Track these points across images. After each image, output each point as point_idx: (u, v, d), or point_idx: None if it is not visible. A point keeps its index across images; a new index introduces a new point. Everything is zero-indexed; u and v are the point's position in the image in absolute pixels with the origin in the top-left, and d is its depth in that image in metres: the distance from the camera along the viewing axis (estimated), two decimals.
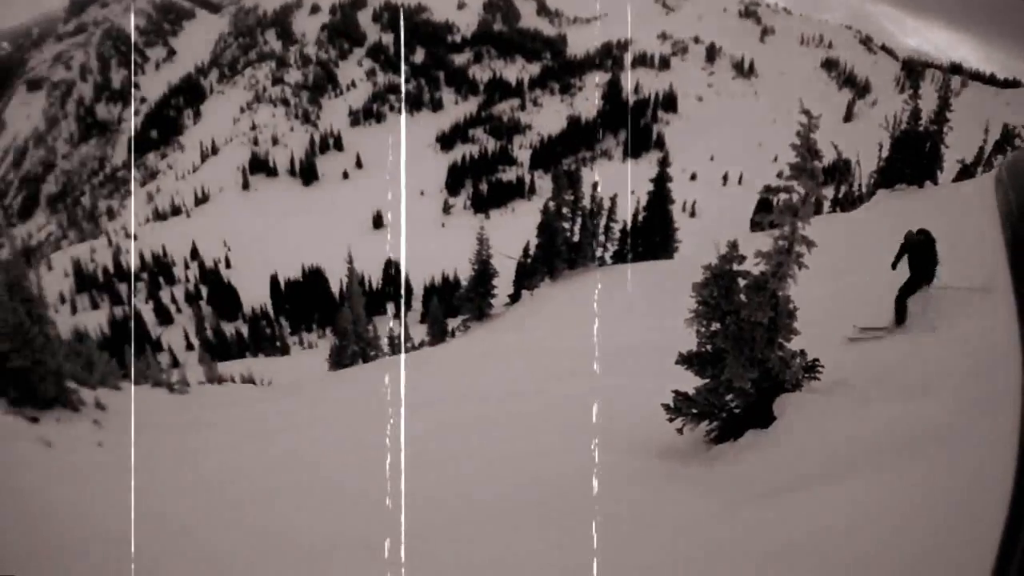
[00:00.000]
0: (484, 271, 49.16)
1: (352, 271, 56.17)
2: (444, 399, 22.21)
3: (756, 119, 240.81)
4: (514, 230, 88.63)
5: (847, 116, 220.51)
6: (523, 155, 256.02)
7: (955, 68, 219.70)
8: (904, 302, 15.78)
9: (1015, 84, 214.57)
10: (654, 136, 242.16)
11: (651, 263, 47.43)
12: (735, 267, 10.62)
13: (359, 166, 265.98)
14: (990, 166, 42.06)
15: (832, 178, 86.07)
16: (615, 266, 49.90)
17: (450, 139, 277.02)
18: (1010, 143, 43.47)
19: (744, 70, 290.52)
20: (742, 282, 10.68)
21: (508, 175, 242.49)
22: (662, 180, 52.00)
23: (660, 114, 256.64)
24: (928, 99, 38.54)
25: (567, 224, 49.76)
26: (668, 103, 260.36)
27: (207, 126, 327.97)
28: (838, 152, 75.54)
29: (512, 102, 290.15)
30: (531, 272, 50.54)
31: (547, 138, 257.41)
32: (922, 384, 9.96)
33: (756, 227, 49.64)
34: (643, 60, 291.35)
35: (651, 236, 52.02)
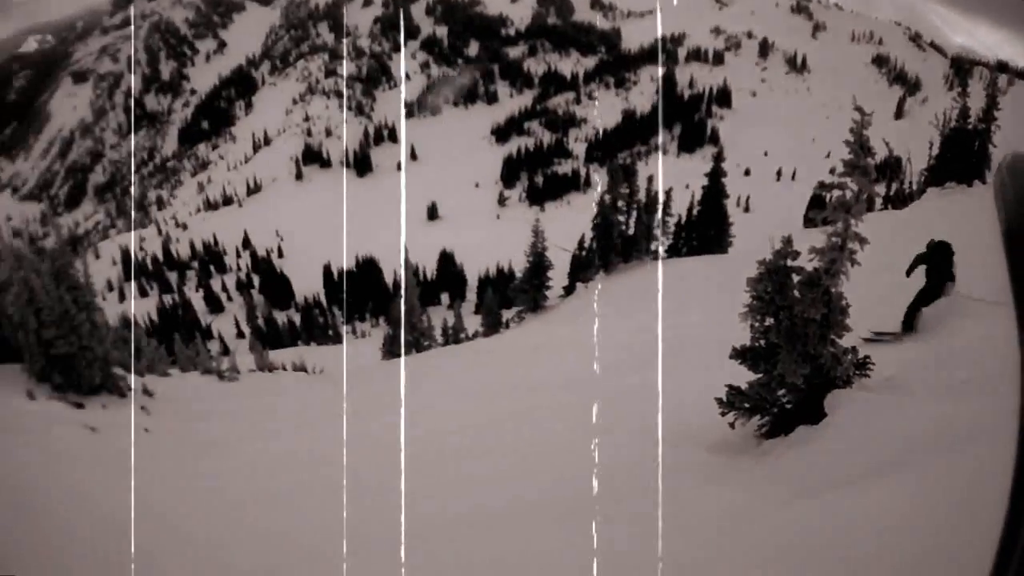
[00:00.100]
0: (539, 263, 49.36)
1: (407, 261, 56.36)
2: (497, 390, 22.27)
3: (809, 115, 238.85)
4: (569, 223, 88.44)
5: (898, 113, 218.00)
6: (578, 148, 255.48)
7: (1001, 66, 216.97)
8: (915, 312, 15.67)
9: None
10: (708, 131, 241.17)
11: (705, 257, 47.32)
12: (789, 263, 10.60)
13: (414, 158, 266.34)
14: None
15: (884, 175, 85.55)
16: (669, 260, 49.85)
17: (505, 132, 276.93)
18: None
19: (796, 66, 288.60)
20: (796, 278, 10.66)
21: (563, 168, 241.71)
22: (717, 175, 51.92)
23: (714, 109, 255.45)
24: (976, 97, 38.30)
25: (622, 217, 49.79)
26: (722, 98, 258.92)
27: (259, 117, 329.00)
28: (889, 149, 75.04)
29: (567, 95, 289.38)
30: (586, 265, 50.61)
31: (602, 132, 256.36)
32: (969, 384, 9.97)
33: (809, 223, 49.37)
34: (697, 55, 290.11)
35: (706, 230, 51.97)
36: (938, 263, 15.44)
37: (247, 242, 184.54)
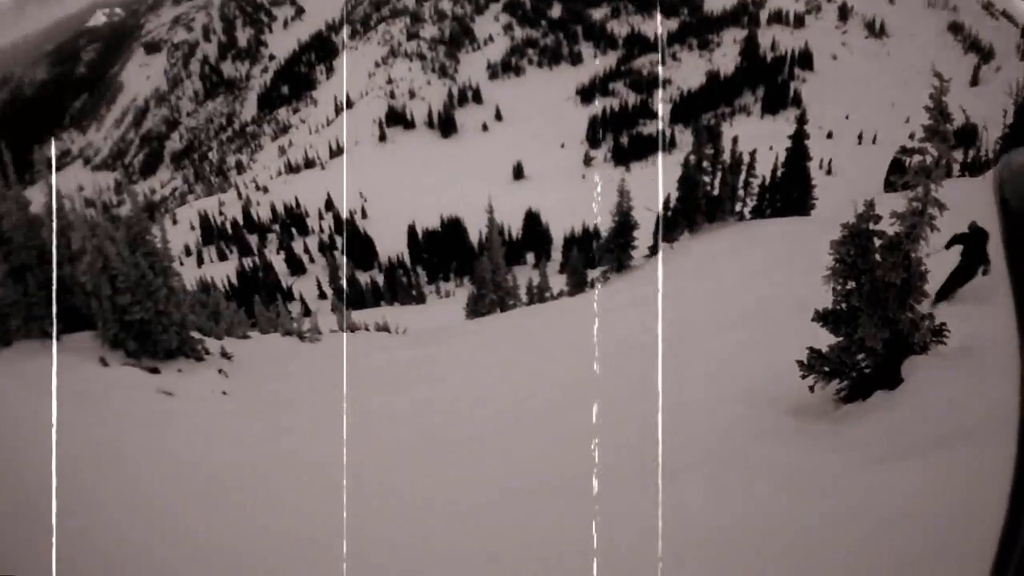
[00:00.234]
0: (625, 223, 49.21)
1: (492, 220, 56.39)
2: (580, 349, 22.42)
3: (888, 79, 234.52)
4: (654, 183, 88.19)
5: (973, 80, 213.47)
6: (663, 109, 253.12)
7: None
8: (949, 291, 15.54)
9: None
10: (791, 93, 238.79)
11: (789, 219, 47.05)
12: (871, 226, 10.68)
13: (498, 118, 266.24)
14: None
15: (961, 142, 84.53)
16: (753, 221, 49.68)
17: (590, 92, 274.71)
18: None
19: (875, 30, 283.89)
20: (877, 242, 10.70)
21: (648, 128, 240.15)
22: (800, 137, 51.63)
23: (796, 71, 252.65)
24: None
25: (707, 178, 49.67)
26: (804, 60, 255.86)
27: (340, 81, 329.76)
28: (966, 116, 74.16)
29: (651, 56, 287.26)
30: (671, 225, 50.51)
31: (686, 92, 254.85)
32: None
33: (890, 187, 49.14)
34: (778, 17, 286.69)
35: (789, 192, 51.68)
36: (974, 247, 15.51)
37: (330, 204, 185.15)
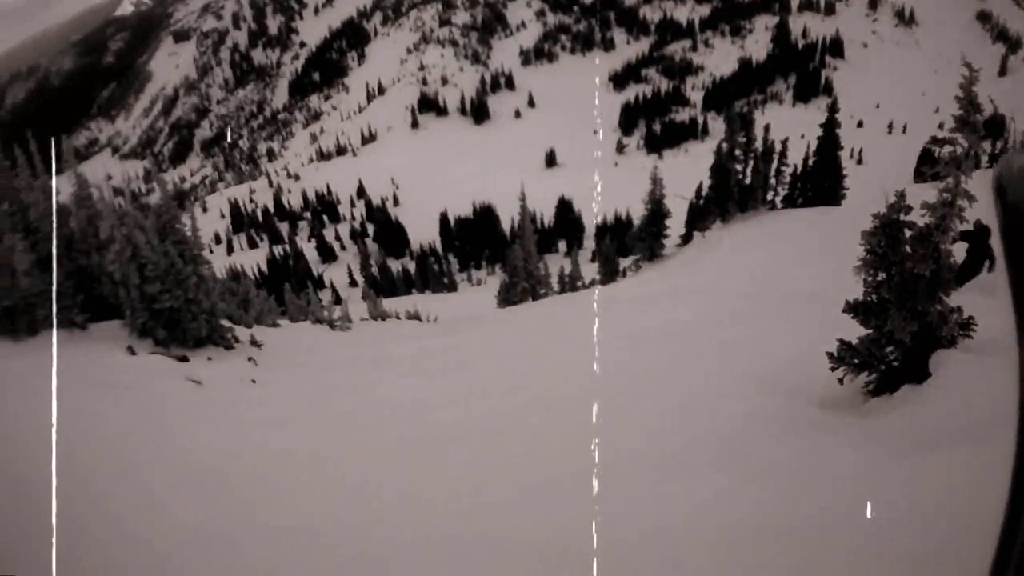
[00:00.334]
0: (657, 211, 48.99)
1: (525, 208, 56.23)
2: (609, 339, 22.36)
3: (918, 68, 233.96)
4: (687, 171, 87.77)
5: (1001, 70, 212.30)
6: (695, 96, 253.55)
7: None
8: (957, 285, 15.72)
9: None
10: (822, 81, 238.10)
11: (820, 209, 46.75)
12: (902, 217, 10.55)
13: (531, 105, 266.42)
14: None
15: (989, 133, 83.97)
16: (785, 210, 49.49)
17: (623, 79, 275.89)
18: None
19: (905, 18, 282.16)
20: (908, 233, 10.56)
21: (681, 115, 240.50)
22: (831, 125, 51.38)
23: (827, 59, 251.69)
24: None
25: (739, 166, 49.45)
26: (835, 48, 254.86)
27: (373, 67, 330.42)
28: (995, 107, 73.60)
29: (683, 43, 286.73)
30: (703, 213, 50.28)
31: (719, 79, 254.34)
32: None
33: (920, 177, 48.96)
34: (809, 5, 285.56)
35: (820, 181, 51.45)
36: (978, 244, 15.56)
37: (361, 191, 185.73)
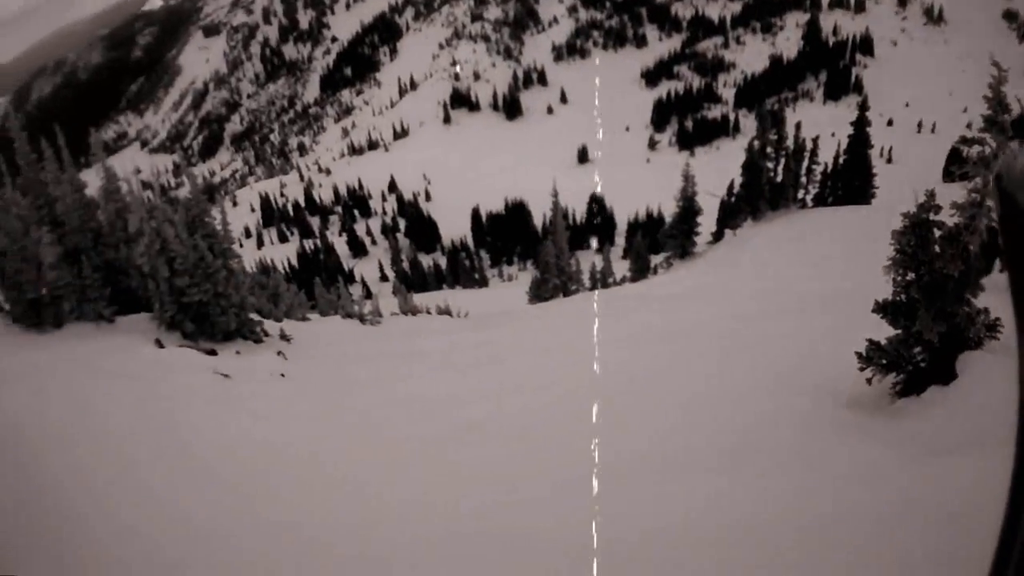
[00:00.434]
0: (689, 208, 48.92)
1: (557, 204, 56.13)
2: (640, 333, 22.36)
3: (946, 67, 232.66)
4: (718, 168, 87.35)
5: None
6: (727, 93, 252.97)
7: None
8: None
9: None
10: (853, 79, 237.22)
11: (851, 208, 46.61)
12: (932, 217, 10.47)
13: (564, 101, 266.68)
14: None
15: (1017, 133, 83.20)
16: (815, 209, 49.42)
17: (655, 75, 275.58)
18: None
19: (934, 16, 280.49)
20: (937, 233, 10.50)
21: (713, 112, 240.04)
22: (862, 124, 51.28)
23: (858, 57, 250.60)
24: None
25: (771, 164, 49.35)
26: (865, 46, 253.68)
27: (404, 62, 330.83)
28: (1022, 107, 73.17)
29: (715, 39, 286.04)
30: (734, 211, 50.23)
31: (750, 76, 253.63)
32: None
33: (949, 177, 48.91)
34: (839, 2, 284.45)
35: (850, 180, 51.35)
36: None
37: (393, 186, 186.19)
